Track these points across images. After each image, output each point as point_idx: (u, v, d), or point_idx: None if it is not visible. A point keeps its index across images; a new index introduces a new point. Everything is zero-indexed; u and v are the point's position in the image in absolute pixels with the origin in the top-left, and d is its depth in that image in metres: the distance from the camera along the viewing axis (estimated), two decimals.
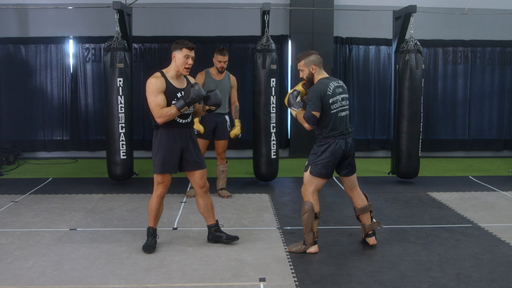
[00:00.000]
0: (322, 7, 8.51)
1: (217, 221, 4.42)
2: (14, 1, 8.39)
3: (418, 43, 6.71)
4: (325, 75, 4.25)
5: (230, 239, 4.35)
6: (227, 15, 8.61)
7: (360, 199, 4.42)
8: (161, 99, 4.01)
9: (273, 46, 6.59)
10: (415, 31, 6.78)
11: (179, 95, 4.10)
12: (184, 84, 4.18)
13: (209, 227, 4.40)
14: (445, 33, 8.99)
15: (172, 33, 8.52)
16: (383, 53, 8.99)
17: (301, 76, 4.28)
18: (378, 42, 8.91)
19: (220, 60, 5.79)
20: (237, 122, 5.94)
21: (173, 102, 4.06)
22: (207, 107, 4.21)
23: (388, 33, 7.89)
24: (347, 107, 4.29)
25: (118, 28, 6.50)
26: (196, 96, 3.98)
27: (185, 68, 4.09)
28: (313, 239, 4.19)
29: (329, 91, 4.12)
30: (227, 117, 5.99)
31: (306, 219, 4.17)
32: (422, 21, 7.90)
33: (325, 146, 4.16)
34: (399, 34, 7.03)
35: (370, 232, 4.40)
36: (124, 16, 6.56)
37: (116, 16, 6.44)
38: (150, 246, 4.19)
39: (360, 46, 8.97)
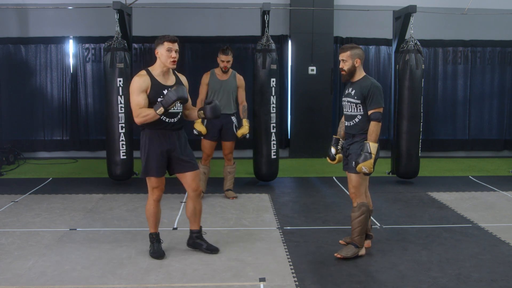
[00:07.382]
0: (322, 7, 8.51)
1: (201, 227, 4.26)
2: (14, 1, 8.40)
3: (418, 43, 6.71)
4: (364, 73, 4.16)
5: (210, 250, 4.15)
6: (227, 15, 8.61)
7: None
8: (142, 98, 3.82)
9: (273, 46, 6.59)
10: (415, 31, 6.78)
11: (165, 91, 3.88)
12: (172, 81, 3.98)
13: (191, 231, 4.24)
14: (445, 33, 8.98)
15: (172, 33, 8.36)
16: (383, 53, 8.99)
17: (340, 66, 4.14)
18: (378, 42, 8.90)
19: (223, 59, 5.77)
20: (245, 122, 5.88)
21: (159, 99, 3.83)
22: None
23: (388, 33, 7.88)
24: None
25: (118, 28, 6.50)
26: (169, 99, 3.74)
27: (170, 61, 3.92)
28: (364, 241, 4.11)
29: None
30: (233, 118, 5.91)
31: (364, 220, 4.04)
32: (422, 21, 7.90)
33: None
34: (399, 34, 7.03)
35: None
36: (124, 16, 6.56)
37: (116, 16, 6.44)
38: (158, 252, 4.07)
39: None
